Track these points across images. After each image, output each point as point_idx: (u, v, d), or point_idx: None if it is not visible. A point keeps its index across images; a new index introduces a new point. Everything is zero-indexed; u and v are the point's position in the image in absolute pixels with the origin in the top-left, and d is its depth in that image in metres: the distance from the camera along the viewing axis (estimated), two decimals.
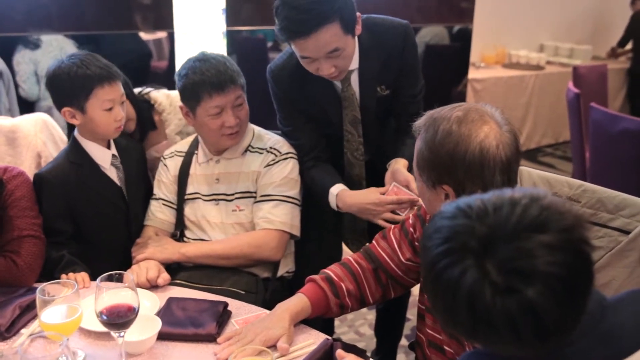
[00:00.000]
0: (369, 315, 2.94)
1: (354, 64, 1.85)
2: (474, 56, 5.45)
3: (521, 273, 0.79)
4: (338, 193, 1.87)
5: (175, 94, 2.15)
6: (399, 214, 1.77)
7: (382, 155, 2.05)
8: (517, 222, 0.81)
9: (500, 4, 6.05)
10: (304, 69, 1.81)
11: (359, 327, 2.89)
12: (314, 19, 1.63)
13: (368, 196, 1.81)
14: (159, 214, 1.96)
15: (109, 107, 1.78)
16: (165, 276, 1.69)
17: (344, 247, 2.27)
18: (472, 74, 5.37)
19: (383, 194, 1.80)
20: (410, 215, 1.59)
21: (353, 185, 2.00)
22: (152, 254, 1.79)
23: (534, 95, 5.78)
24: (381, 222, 1.77)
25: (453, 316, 0.86)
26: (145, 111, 2.09)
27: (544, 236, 0.80)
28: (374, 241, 1.60)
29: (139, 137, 2.11)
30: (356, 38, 1.81)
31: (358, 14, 1.74)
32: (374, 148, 2.05)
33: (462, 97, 5.25)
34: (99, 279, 1.29)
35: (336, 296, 1.50)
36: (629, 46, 6.38)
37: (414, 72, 1.94)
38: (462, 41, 5.00)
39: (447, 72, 5.02)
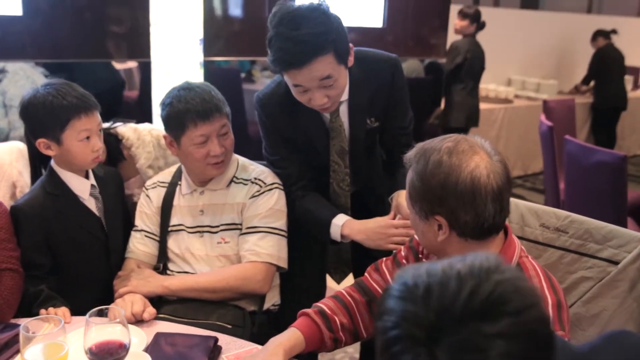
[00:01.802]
0: (349, 348, 2.89)
1: (344, 95, 1.85)
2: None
3: None
4: (344, 223, 1.85)
5: (142, 127, 2.13)
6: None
7: (369, 186, 2.05)
8: (463, 308, 0.73)
9: None
10: (292, 98, 1.80)
11: None
12: (309, 50, 1.62)
13: (377, 222, 1.79)
14: (141, 246, 1.90)
15: (86, 137, 1.73)
16: (150, 310, 1.63)
17: (328, 279, 2.24)
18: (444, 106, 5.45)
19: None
20: (402, 247, 1.58)
21: None
22: (135, 287, 1.74)
23: (503, 128, 5.90)
24: (391, 247, 1.74)
25: None
26: (113, 146, 2.05)
27: (494, 326, 0.73)
28: (366, 274, 1.58)
29: None
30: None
31: (350, 44, 1.75)
32: (361, 179, 2.04)
33: (434, 130, 5.33)
34: (88, 314, 1.24)
35: (330, 330, 1.46)
36: (592, 83, 6.59)
37: (403, 104, 1.95)
38: (434, 74, 5.10)
39: (420, 105, 5.11)
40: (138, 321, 1.60)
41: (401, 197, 1.79)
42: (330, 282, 2.25)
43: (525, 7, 7.73)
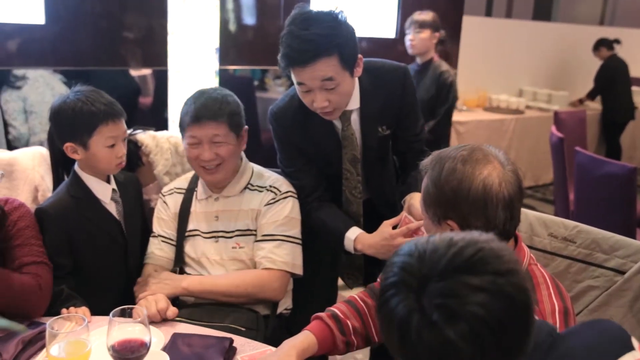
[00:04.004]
0: (358, 354, 2.92)
1: (355, 104, 1.90)
2: None
3: (448, 311, 0.83)
4: (357, 237, 1.89)
5: (161, 134, 2.20)
6: None
7: (381, 194, 2.09)
8: (449, 263, 0.85)
9: (481, 50, 6.24)
10: (305, 110, 1.85)
11: None
12: (313, 49, 1.68)
13: (382, 234, 1.83)
14: (158, 251, 1.96)
15: (112, 144, 1.80)
16: (173, 309, 1.68)
17: (339, 284, 2.29)
18: (455, 116, 5.48)
19: (395, 226, 1.81)
20: None
21: None
22: (154, 291, 1.78)
23: (514, 138, 5.91)
24: None
25: (391, 343, 0.90)
26: (132, 152, 2.10)
27: (472, 278, 0.84)
28: (379, 279, 1.62)
29: None
30: (357, 80, 1.87)
31: (360, 55, 1.79)
32: (373, 187, 2.08)
33: (445, 139, 5.35)
34: (111, 313, 1.29)
35: (342, 333, 1.50)
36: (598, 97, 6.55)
37: (414, 111, 2.00)
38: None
39: (428, 114, 5.14)
40: (161, 320, 1.65)
41: (414, 199, 1.84)
42: (341, 289, 2.29)
43: (538, 18, 7.76)
